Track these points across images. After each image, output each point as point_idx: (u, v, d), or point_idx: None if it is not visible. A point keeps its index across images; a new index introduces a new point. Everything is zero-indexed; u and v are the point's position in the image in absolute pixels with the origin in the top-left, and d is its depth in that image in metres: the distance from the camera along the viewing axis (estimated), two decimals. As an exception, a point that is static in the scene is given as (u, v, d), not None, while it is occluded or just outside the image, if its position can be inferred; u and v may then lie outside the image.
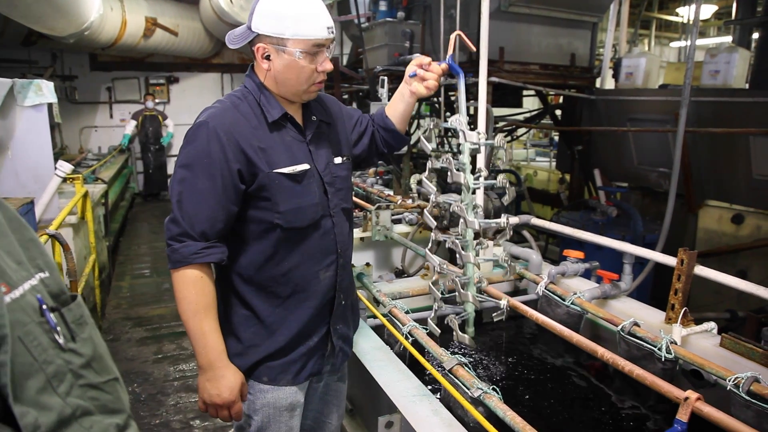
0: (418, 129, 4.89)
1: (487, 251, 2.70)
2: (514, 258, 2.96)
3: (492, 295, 2.40)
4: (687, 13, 9.71)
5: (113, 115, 10.48)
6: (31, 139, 3.47)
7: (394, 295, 2.48)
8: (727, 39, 7.78)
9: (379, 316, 2.28)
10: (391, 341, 2.19)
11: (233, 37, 1.48)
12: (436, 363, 1.91)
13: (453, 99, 4.85)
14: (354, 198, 3.27)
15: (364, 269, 2.68)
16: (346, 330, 1.71)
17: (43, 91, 3.44)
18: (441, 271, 1.86)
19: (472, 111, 3.62)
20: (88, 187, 4.61)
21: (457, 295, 1.85)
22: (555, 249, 5.19)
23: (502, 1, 4.09)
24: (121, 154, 9.52)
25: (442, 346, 1.97)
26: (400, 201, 3.79)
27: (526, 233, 3.37)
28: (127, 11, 8.00)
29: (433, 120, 1.99)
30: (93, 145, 10.17)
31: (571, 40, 4.63)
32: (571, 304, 2.31)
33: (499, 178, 1.85)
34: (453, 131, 1.91)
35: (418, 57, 1.69)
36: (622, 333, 2.05)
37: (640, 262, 2.79)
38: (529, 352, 2.55)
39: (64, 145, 9.05)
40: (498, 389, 1.64)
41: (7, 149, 3.42)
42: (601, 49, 6.05)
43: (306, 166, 1.49)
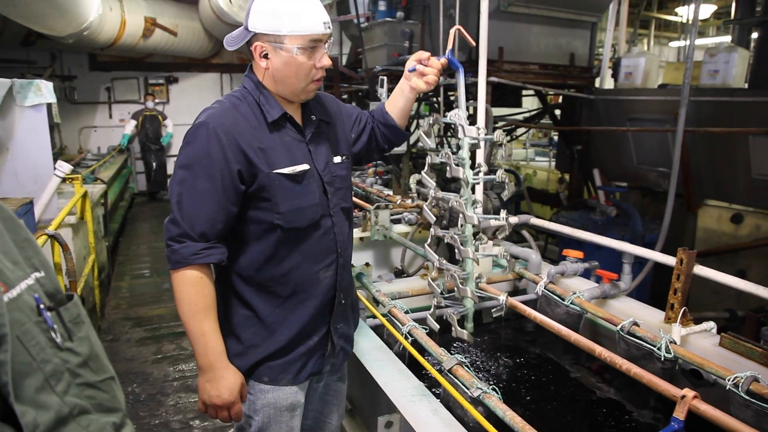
0: (417, 129, 4.88)
1: (487, 250, 2.70)
2: (514, 258, 2.96)
3: (491, 292, 2.40)
4: (686, 13, 9.72)
5: (112, 115, 10.49)
6: (30, 139, 3.47)
7: (393, 295, 2.48)
8: (727, 39, 7.79)
9: (379, 316, 2.28)
10: (390, 341, 2.19)
11: (231, 39, 1.48)
12: (435, 363, 1.91)
13: (452, 99, 4.85)
14: (353, 198, 3.26)
15: (364, 269, 2.68)
16: (347, 329, 1.71)
17: (42, 91, 3.44)
18: (440, 267, 1.86)
19: (471, 111, 3.62)
20: (87, 187, 4.61)
21: (456, 290, 1.85)
22: (554, 249, 5.19)
23: (501, 1, 4.10)
24: (121, 154, 9.52)
25: (442, 345, 1.96)
26: (399, 201, 3.79)
27: (526, 233, 3.37)
28: (126, 11, 8.00)
29: (432, 115, 1.98)
30: (92, 145, 10.17)
31: (571, 40, 4.64)
32: (571, 303, 2.31)
33: (499, 173, 1.84)
34: (452, 131, 1.91)
35: (417, 52, 1.69)
36: (621, 332, 2.05)
37: (640, 262, 2.79)
38: (528, 352, 2.55)
39: (63, 146, 9.05)
40: (497, 389, 1.64)
41: (6, 149, 3.42)
42: (600, 49, 6.05)
43: (306, 167, 1.49)
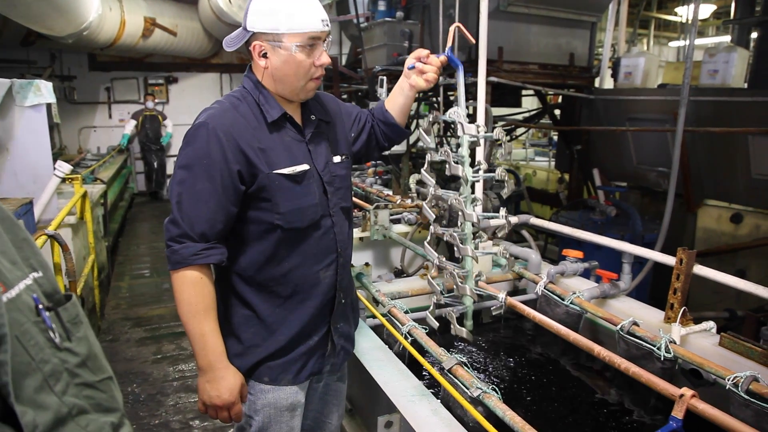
0: (417, 129, 4.88)
1: (486, 249, 2.70)
2: (513, 257, 2.95)
3: (490, 291, 2.39)
4: (686, 13, 9.72)
5: (112, 115, 10.49)
6: (29, 139, 3.47)
7: (393, 295, 2.48)
8: (726, 38, 7.80)
9: (379, 316, 2.28)
10: (390, 341, 2.19)
11: (230, 40, 1.48)
12: (435, 363, 1.91)
13: (452, 99, 4.85)
14: (353, 198, 3.26)
15: (364, 269, 2.67)
16: (348, 328, 1.71)
17: (41, 91, 3.44)
18: (440, 265, 1.85)
19: (471, 110, 3.62)
20: (87, 187, 4.61)
21: (455, 289, 1.85)
22: (554, 248, 5.19)
23: (501, 0, 4.10)
24: (120, 154, 9.52)
25: (442, 345, 1.96)
26: (399, 201, 3.79)
27: (525, 233, 3.37)
28: (126, 11, 8.00)
29: (432, 113, 1.98)
30: (92, 145, 10.17)
31: (570, 40, 4.64)
32: (570, 303, 2.31)
33: (498, 171, 1.84)
34: (452, 131, 1.91)
35: (416, 50, 1.69)
36: (621, 332, 2.05)
37: (639, 262, 2.79)
38: (528, 352, 2.55)
39: (62, 146, 9.04)
40: (497, 389, 1.64)
41: (6, 149, 3.42)
42: (600, 49, 6.05)
43: (305, 167, 1.49)
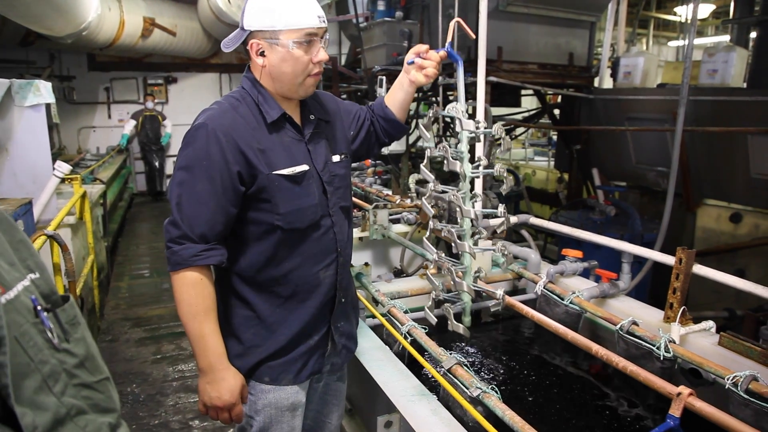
0: (417, 129, 4.88)
1: (486, 252, 2.70)
2: (513, 257, 2.95)
3: (488, 288, 2.38)
4: (685, 13, 9.72)
5: (111, 115, 10.49)
6: (29, 139, 3.47)
7: (392, 295, 2.48)
8: (725, 38, 7.80)
9: (378, 316, 2.28)
10: (389, 341, 2.19)
11: (228, 41, 1.48)
12: (435, 362, 1.91)
13: (452, 99, 4.85)
14: (353, 198, 3.27)
15: (363, 269, 2.67)
16: (349, 327, 1.71)
17: (41, 91, 3.44)
18: (438, 260, 1.85)
19: (470, 110, 3.62)
20: (86, 187, 4.61)
21: (452, 285, 1.84)
22: (553, 248, 5.19)
23: (500, 0, 4.09)
24: (120, 154, 9.52)
25: (441, 345, 1.97)
26: (398, 200, 3.79)
27: (525, 232, 3.37)
28: (125, 11, 7.99)
29: (433, 108, 1.98)
30: (91, 145, 10.17)
31: (570, 40, 4.64)
32: (570, 303, 2.31)
33: (497, 167, 1.83)
34: (452, 130, 1.90)
35: (416, 46, 1.69)
36: (620, 332, 2.05)
37: (639, 261, 2.80)
38: (528, 352, 2.55)
39: (62, 146, 9.04)
40: (497, 389, 1.64)
41: (5, 150, 3.42)
42: (599, 49, 6.05)
43: (305, 167, 1.49)
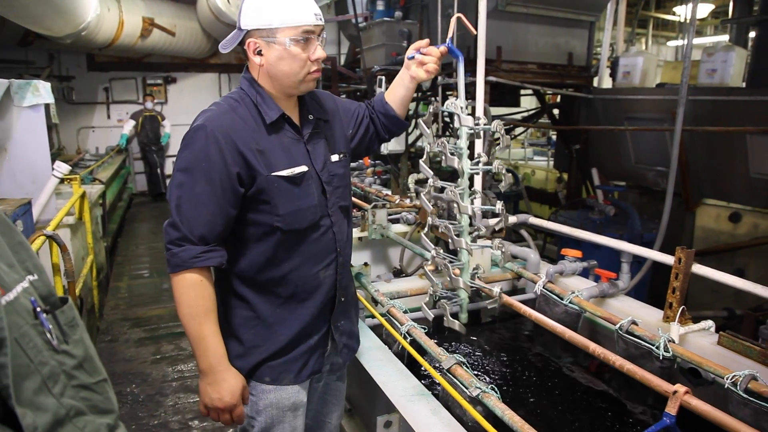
0: (416, 128, 4.89)
1: (485, 251, 2.70)
2: (513, 257, 2.96)
3: (484, 286, 2.39)
4: (684, 12, 9.74)
5: (111, 115, 10.47)
6: (28, 139, 3.47)
7: (392, 295, 2.48)
8: (724, 38, 7.80)
9: (378, 316, 2.28)
10: (389, 341, 2.19)
11: (225, 42, 1.48)
12: (434, 362, 1.91)
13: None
14: (352, 198, 3.27)
15: (363, 269, 2.68)
16: (350, 325, 1.71)
17: (40, 91, 3.44)
18: (436, 256, 1.85)
19: (470, 110, 3.62)
20: (85, 187, 4.61)
21: (449, 281, 1.84)
22: (553, 248, 5.20)
23: (499, 0, 4.09)
24: (119, 154, 9.51)
25: (440, 345, 1.97)
26: (398, 200, 3.79)
27: (524, 232, 3.37)
28: (124, 11, 7.99)
29: (434, 104, 1.98)
30: (90, 145, 10.16)
31: (569, 40, 4.64)
32: (569, 302, 2.31)
33: (495, 164, 1.82)
34: (451, 130, 1.90)
35: (416, 42, 1.69)
36: (620, 332, 2.05)
37: (638, 261, 2.80)
38: (527, 351, 2.55)
39: (61, 146, 9.04)
40: (496, 388, 1.64)
41: (4, 150, 3.42)
42: (598, 48, 6.04)
43: (304, 168, 1.49)
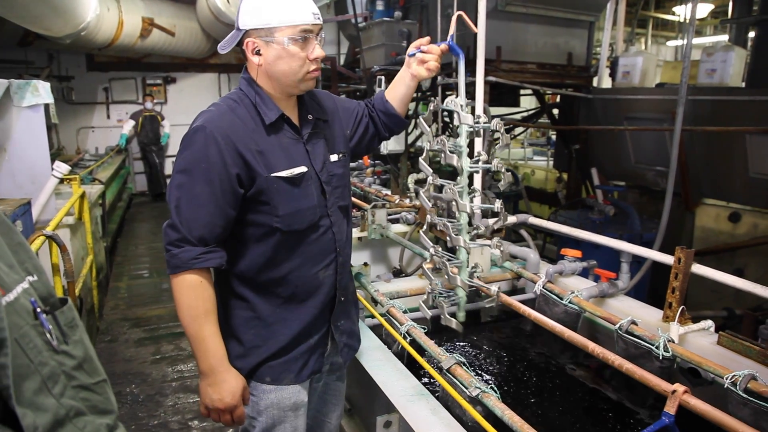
0: (416, 128, 4.88)
1: (485, 251, 2.70)
2: (512, 257, 2.96)
3: (482, 285, 2.38)
4: (683, 12, 9.74)
5: (110, 115, 10.47)
6: (27, 139, 3.47)
7: (392, 295, 2.48)
8: (724, 38, 7.80)
9: (377, 316, 2.28)
10: (389, 341, 2.19)
11: (224, 43, 1.48)
12: (434, 362, 1.91)
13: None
14: (352, 198, 3.27)
15: (362, 269, 2.68)
16: (350, 324, 1.71)
17: (39, 91, 3.44)
18: (434, 254, 1.85)
19: (469, 110, 3.62)
20: (85, 187, 4.60)
21: (447, 278, 1.84)
22: (552, 248, 5.20)
23: (499, 0, 4.09)
24: (119, 154, 9.51)
25: (440, 345, 1.97)
26: (397, 200, 3.80)
27: (524, 232, 3.37)
28: (123, 11, 7.98)
29: (434, 101, 1.98)
30: (90, 145, 10.16)
31: (568, 39, 4.63)
32: (569, 302, 2.31)
33: (494, 162, 1.82)
34: (451, 130, 1.90)
35: (417, 40, 1.69)
36: (619, 331, 2.05)
37: (638, 261, 2.80)
38: (527, 351, 2.56)
39: (61, 146, 9.04)
40: (496, 388, 1.64)
41: (3, 150, 3.42)
42: (598, 48, 6.05)
43: (303, 169, 1.48)
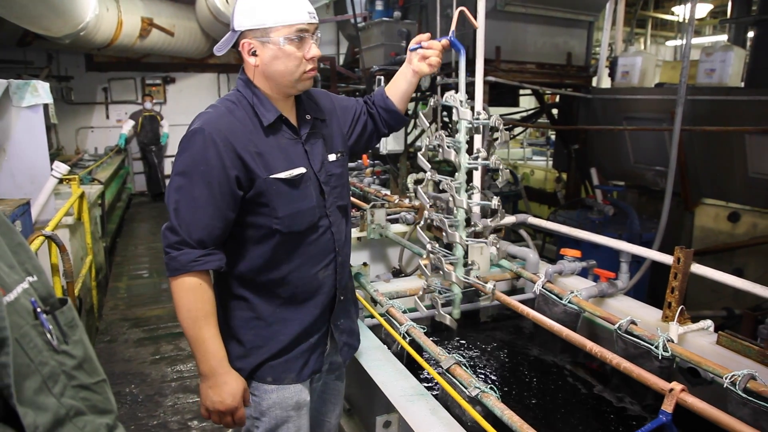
0: (415, 128, 4.88)
1: (484, 250, 2.71)
2: (512, 257, 2.96)
3: (477, 282, 2.37)
4: (682, 12, 9.74)
5: (109, 115, 10.47)
6: (27, 140, 3.46)
7: (391, 295, 2.48)
8: (723, 38, 7.81)
9: (377, 316, 2.28)
10: (388, 341, 2.19)
11: (220, 44, 1.48)
12: (433, 362, 1.91)
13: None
14: (351, 198, 3.27)
15: (362, 269, 2.68)
16: (350, 323, 1.71)
17: (38, 91, 3.44)
18: (431, 250, 1.85)
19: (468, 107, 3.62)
20: (84, 187, 4.60)
21: (443, 274, 1.84)
22: (552, 248, 5.20)
23: (498, 0, 4.09)
24: (118, 154, 9.50)
25: (439, 345, 1.97)
26: (397, 200, 3.80)
27: (523, 232, 3.38)
28: (123, 11, 7.98)
29: (435, 97, 1.98)
30: (89, 145, 10.15)
31: (568, 39, 4.63)
32: (568, 302, 2.32)
33: (493, 159, 1.82)
34: (450, 130, 1.89)
35: (417, 36, 1.69)
36: (619, 331, 2.05)
37: (637, 261, 2.80)
38: (526, 351, 2.56)
39: (60, 146, 9.03)
40: (495, 388, 1.64)
41: (3, 150, 3.41)
42: (597, 48, 6.05)
43: (302, 170, 1.48)
